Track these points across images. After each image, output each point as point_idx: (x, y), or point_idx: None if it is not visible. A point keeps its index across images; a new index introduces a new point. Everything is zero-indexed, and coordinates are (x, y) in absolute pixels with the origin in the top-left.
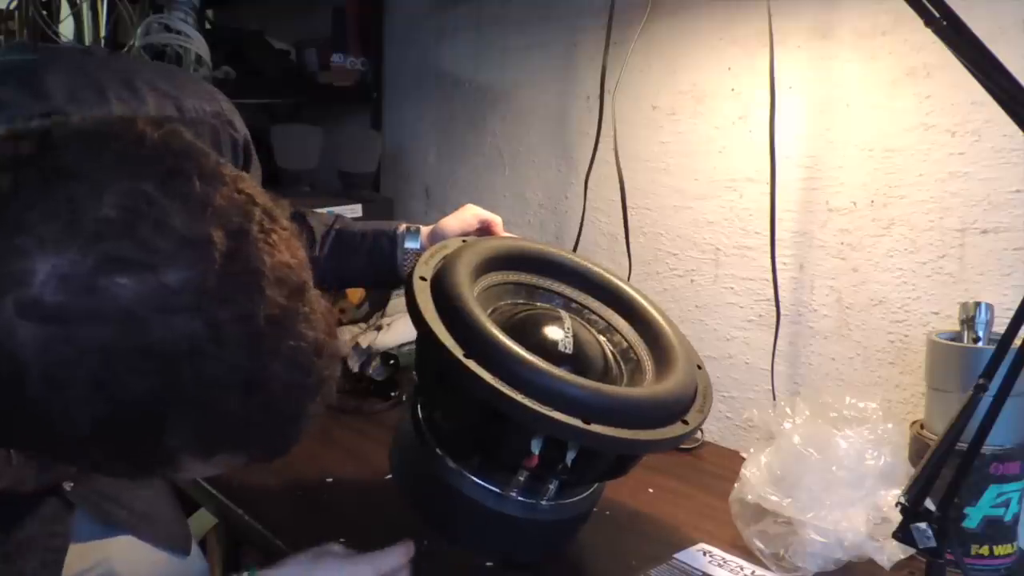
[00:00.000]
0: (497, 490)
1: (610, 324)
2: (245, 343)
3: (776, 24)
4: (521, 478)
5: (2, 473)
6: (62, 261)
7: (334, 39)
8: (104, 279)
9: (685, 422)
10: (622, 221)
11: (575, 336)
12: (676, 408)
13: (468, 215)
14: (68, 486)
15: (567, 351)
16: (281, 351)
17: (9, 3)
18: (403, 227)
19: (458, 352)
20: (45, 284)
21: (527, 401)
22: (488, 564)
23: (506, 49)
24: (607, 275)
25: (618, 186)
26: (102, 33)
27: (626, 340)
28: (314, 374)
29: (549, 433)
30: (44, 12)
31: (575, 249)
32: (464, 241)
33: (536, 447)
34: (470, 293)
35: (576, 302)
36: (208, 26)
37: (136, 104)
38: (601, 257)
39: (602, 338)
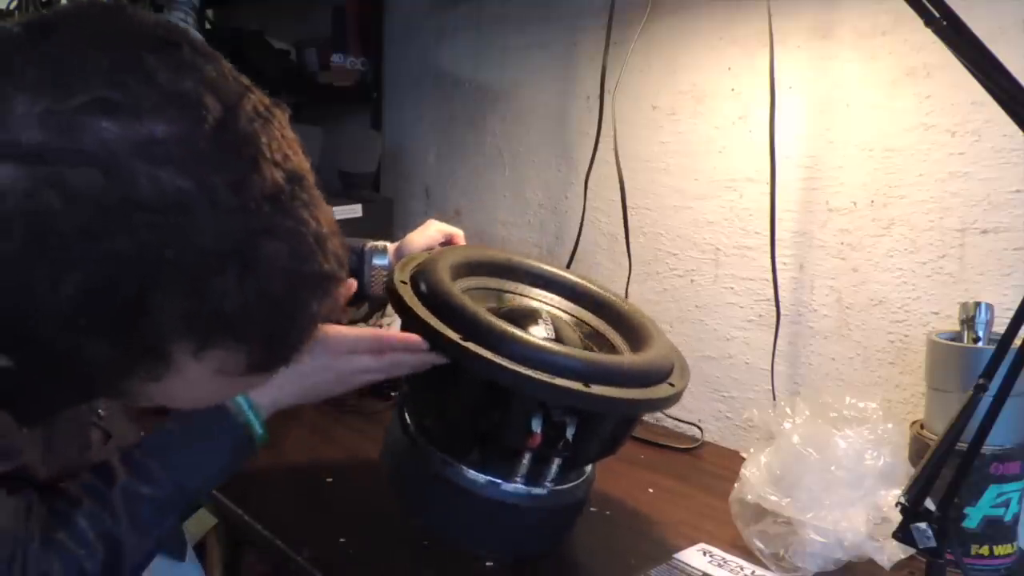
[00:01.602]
0: (499, 480)
1: (578, 317)
2: (238, 211)
3: (776, 24)
4: (524, 461)
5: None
6: (43, 101)
7: (334, 39)
8: (87, 119)
9: (671, 384)
10: (622, 221)
11: (554, 323)
12: (661, 373)
13: (432, 231)
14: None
15: (551, 336)
16: (278, 231)
17: (9, 3)
18: (370, 244)
19: (456, 336)
20: (26, 123)
21: (531, 372)
22: (488, 564)
23: (506, 49)
24: (568, 275)
25: (618, 186)
26: None
27: (596, 329)
28: (314, 264)
29: (554, 400)
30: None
31: (575, 249)
32: (429, 253)
33: (537, 425)
34: (455, 287)
35: (544, 301)
36: (208, 26)
37: None
38: (601, 257)
39: (575, 327)
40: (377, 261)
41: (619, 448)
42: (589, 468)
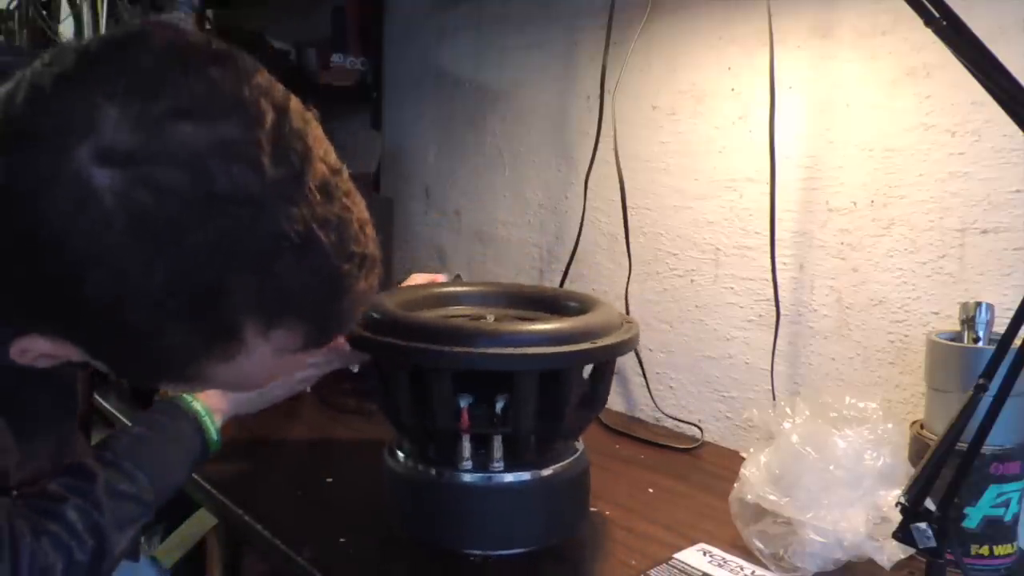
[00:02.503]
0: (448, 469)
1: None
2: (297, 200)
3: (776, 24)
4: (466, 444)
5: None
6: (131, 109)
7: (334, 39)
8: (171, 125)
9: (592, 342)
10: (622, 221)
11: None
12: (580, 335)
13: (418, 279)
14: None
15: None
16: (329, 217)
17: (9, 3)
18: None
19: (368, 332)
20: (118, 129)
21: (423, 345)
22: (472, 554)
23: (506, 49)
24: (510, 286)
25: (618, 186)
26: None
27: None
28: (360, 246)
29: (452, 365)
30: (44, 12)
31: (575, 249)
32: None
33: (463, 402)
34: (391, 303)
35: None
36: (208, 26)
37: None
38: (601, 257)
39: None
40: None
41: (567, 422)
42: (572, 457)
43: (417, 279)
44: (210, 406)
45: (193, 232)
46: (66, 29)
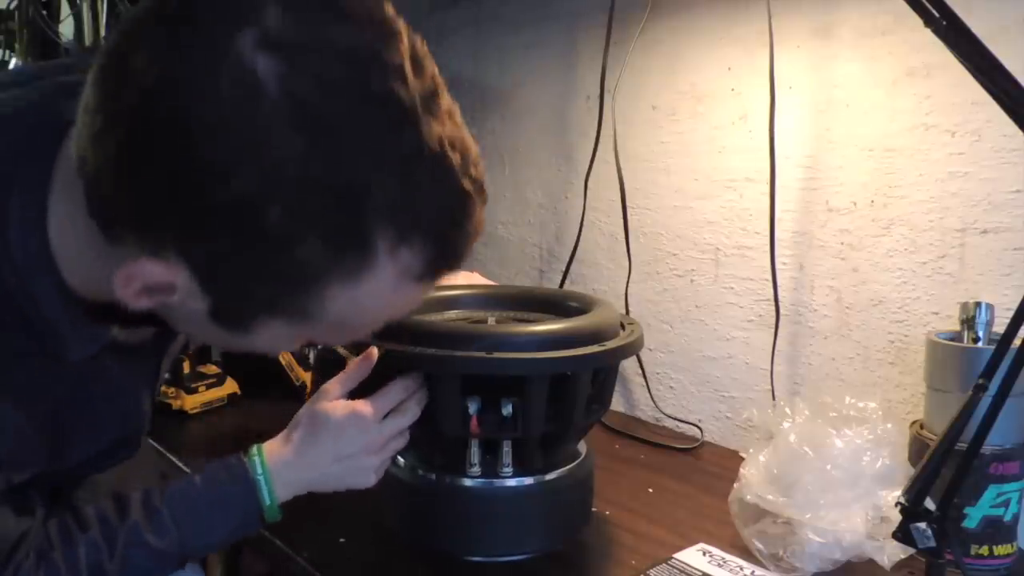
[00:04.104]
0: (459, 474)
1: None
2: (434, 114)
3: (776, 24)
4: (474, 449)
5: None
6: (292, 4)
7: None
8: (330, 23)
9: (601, 345)
10: (622, 221)
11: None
12: (586, 337)
13: (461, 280)
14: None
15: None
16: (455, 139)
17: (9, 3)
18: None
19: (373, 337)
20: (282, 18)
21: (432, 351)
22: (472, 559)
23: (506, 49)
24: (510, 288)
25: (618, 186)
26: (102, 33)
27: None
28: (478, 173)
29: (459, 370)
30: (44, 12)
31: (575, 249)
32: None
33: (473, 408)
34: None
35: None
36: None
37: None
38: (601, 257)
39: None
40: None
41: (576, 426)
42: (576, 461)
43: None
44: (279, 475)
45: (348, 126)
46: (66, 29)
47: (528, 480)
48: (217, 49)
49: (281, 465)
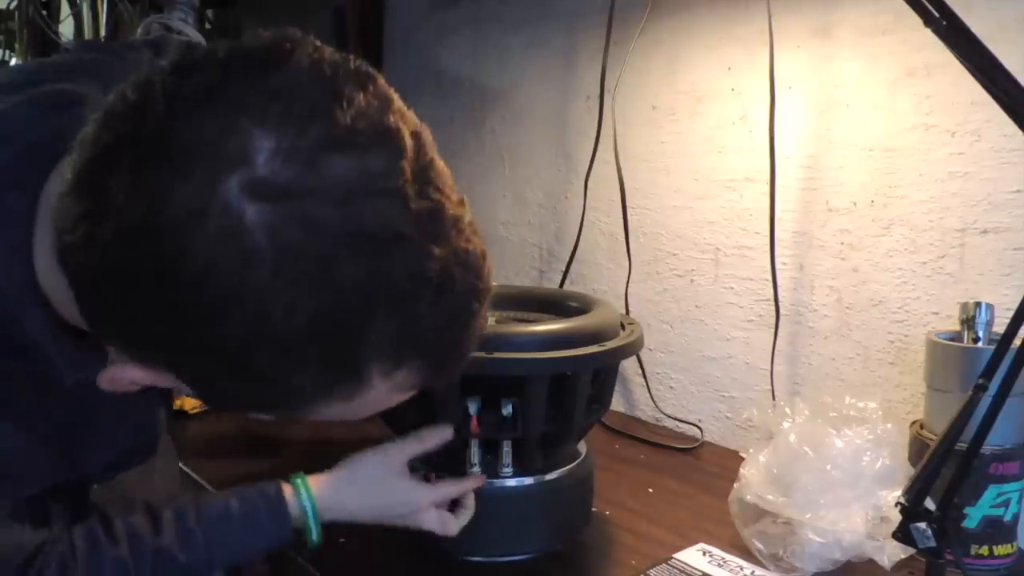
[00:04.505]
0: (459, 474)
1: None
2: (437, 237)
3: (776, 24)
4: (474, 450)
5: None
6: (284, 138)
7: (334, 39)
8: (323, 156)
9: (602, 345)
10: (622, 221)
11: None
12: (587, 337)
13: None
14: (95, 485)
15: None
16: (460, 253)
17: (9, 3)
18: None
19: None
20: (271, 161)
21: None
22: (471, 560)
23: (505, 48)
24: (514, 287)
25: (618, 186)
26: (102, 33)
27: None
28: (484, 282)
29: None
30: (44, 12)
31: (575, 249)
32: None
33: (473, 409)
34: None
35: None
36: (208, 26)
37: None
38: (601, 257)
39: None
40: None
41: (576, 426)
42: (576, 461)
43: None
44: (323, 505)
45: (340, 272)
46: (66, 29)
47: (528, 480)
48: (205, 196)
49: (320, 489)
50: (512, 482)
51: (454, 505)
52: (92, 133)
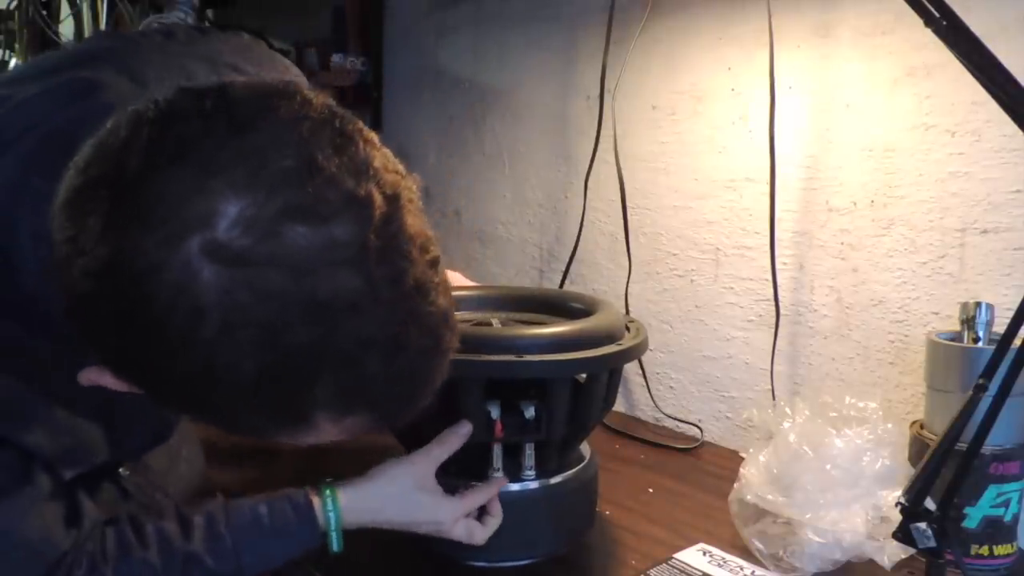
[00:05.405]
0: (481, 479)
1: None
2: (395, 303)
3: (776, 23)
4: (497, 453)
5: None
6: (248, 205)
7: (334, 39)
8: (285, 226)
9: (619, 344)
10: (622, 221)
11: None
12: (601, 337)
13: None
14: (124, 472)
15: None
16: (420, 315)
17: (9, 3)
18: None
19: None
20: (232, 227)
21: (463, 356)
22: (474, 564)
23: (506, 48)
24: (512, 288)
25: (618, 186)
26: None
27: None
28: (445, 342)
29: (490, 374)
30: (44, 12)
31: (575, 249)
32: None
33: (495, 413)
34: None
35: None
36: (208, 26)
37: None
38: (601, 257)
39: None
40: None
41: (592, 425)
42: (582, 463)
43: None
44: (349, 518)
45: (288, 337)
46: (66, 29)
47: (533, 484)
48: (165, 251)
49: (349, 511)
50: (516, 486)
51: (480, 512)
52: (85, 158)
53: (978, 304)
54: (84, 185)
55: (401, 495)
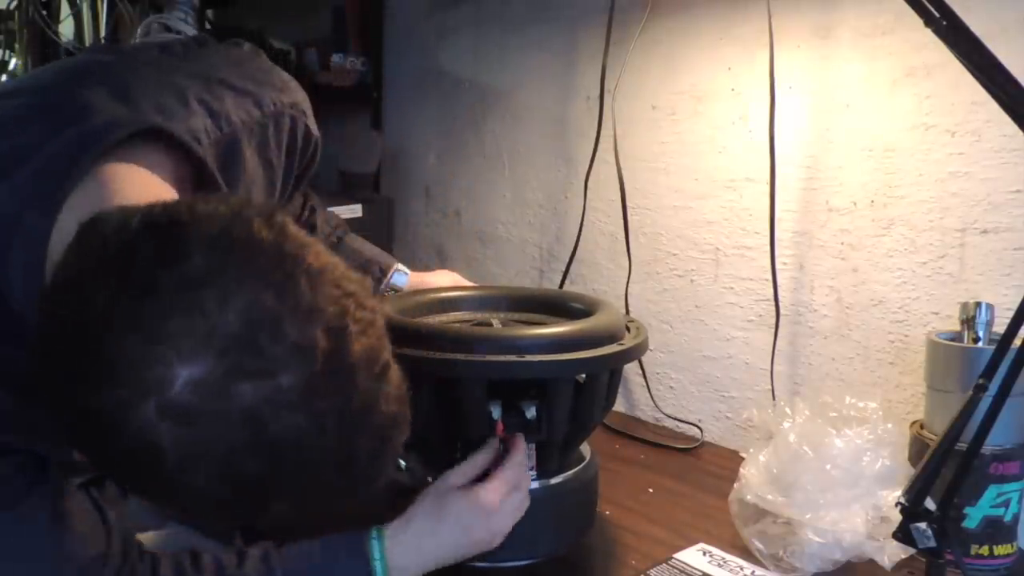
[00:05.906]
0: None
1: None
2: (341, 429)
3: (776, 24)
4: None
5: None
6: (197, 370)
7: (334, 39)
8: (231, 386)
9: (620, 343)
10: (622, 221)
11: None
12: (603, 337)
13: (446, 279)
14: None
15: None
16: (368, 428)
17: (9, 3)
18: (397, 266)
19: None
20: (182, 390)
21: (464, 356)
22: (476, 565)
23: (506, 49)
24: (523, 289)
25: (618, 186)
26: (102, 33)
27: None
28: (393, 442)
29: (490, 375)
30: (44, 12)
31: (575, 249)
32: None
33: (496, 413)
34: (391, 308)
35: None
36: (208, 26)
37: (217, 105)
38: (601, 257)
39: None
40: (397, 280)
41: (593, 425)
42: (583, 463)
43: (448, 277)
44: (395, 561)
45: (239, 472)
46: (66, 29)
47: (534, 484)
48: (128, 410)
49: (398, 554)
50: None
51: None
52: (66, 260)
53: (978, 304)
54: (53, 322)
55: (460, 527)
